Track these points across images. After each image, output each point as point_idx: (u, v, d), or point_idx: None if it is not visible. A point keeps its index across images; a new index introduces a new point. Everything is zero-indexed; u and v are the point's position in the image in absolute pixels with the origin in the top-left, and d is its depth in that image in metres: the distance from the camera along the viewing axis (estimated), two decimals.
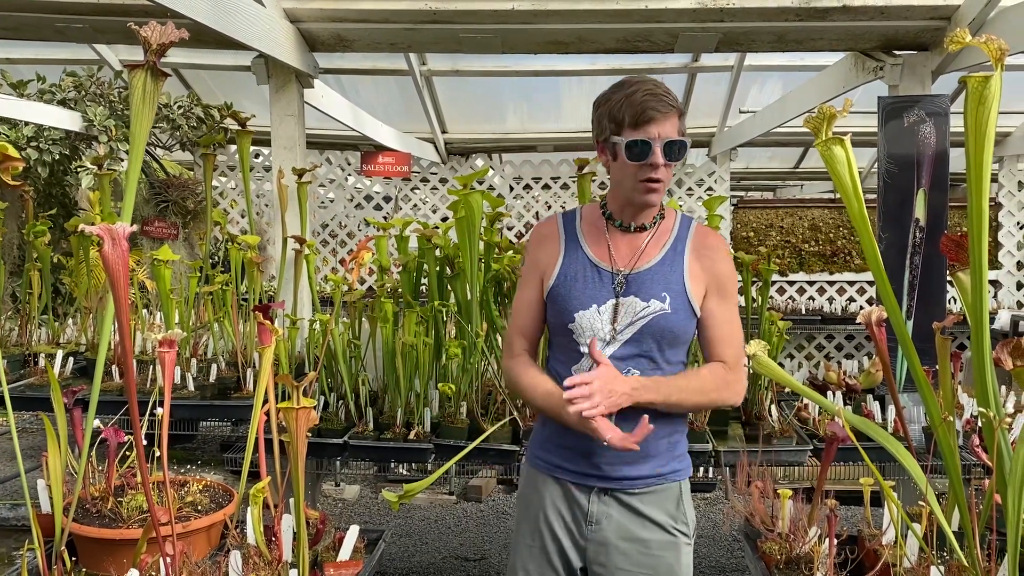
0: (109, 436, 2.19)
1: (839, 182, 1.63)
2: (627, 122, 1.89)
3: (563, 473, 2.03)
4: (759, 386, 3.34)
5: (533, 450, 2.14)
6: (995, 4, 3.33)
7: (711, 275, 2.01)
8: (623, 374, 1.92)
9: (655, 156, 1.88)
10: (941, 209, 3.53)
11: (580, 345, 1.98)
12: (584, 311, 1.97)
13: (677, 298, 1.96)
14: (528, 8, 3.63)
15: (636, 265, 1.99)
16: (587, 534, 2.00)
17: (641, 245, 2.02)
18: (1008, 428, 2.05)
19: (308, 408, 1.84)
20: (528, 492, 2.12)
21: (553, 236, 2.09)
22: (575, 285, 2.00)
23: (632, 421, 1.86)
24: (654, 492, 2.00)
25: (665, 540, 2.00)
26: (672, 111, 1.90)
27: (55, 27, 3.83)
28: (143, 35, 1.74)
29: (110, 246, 1.58)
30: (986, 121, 1.43)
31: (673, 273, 1.98)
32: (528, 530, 2.08)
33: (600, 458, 1.98)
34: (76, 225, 3.77)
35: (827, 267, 7.28)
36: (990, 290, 7.02)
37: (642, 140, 1.88)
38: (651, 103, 1.87)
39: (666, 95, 1.90)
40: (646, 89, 1.89)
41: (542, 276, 2.07)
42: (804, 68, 5.42)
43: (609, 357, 1.94)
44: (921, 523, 2.05)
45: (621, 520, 1.99)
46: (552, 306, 2.04)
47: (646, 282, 1.97)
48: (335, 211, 7.30)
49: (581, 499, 2.01)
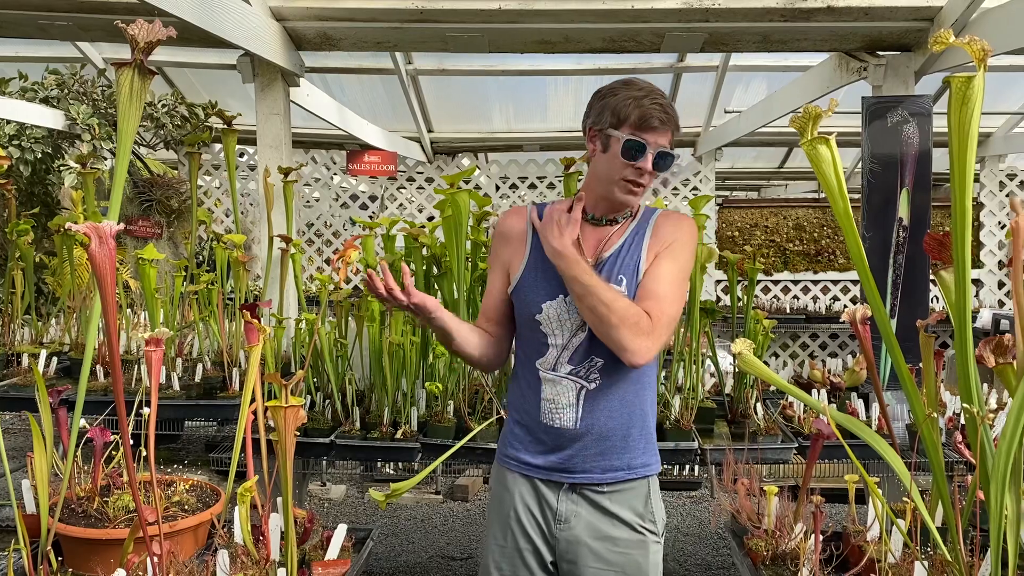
0: (95, 436, 2.18)
1: (824, 181, 1.64)
2: (630, 121, 1.93)
3: (532, 470, 2.04)
4: (745, 384, 3.37)
5: (502, 449, 2.14)
6: (977, 5, 3.36)
7: (663, 242, 2.01)
8: (586, 361, 1.96)
9: (646, 161, 1.93)
10: (924, 209, 3.56)
11: (547, 336, 1.99)
12: (551, 301, 1.99)
13: (632, 281, 1.97)
14: (514, 7, 3.63)
15: (599, 255, 2.02)
16: (556, 532, 2.01)
17: (607, 236, 2.04)
18: (991, 424, 2.07)
19: (296, 406, 1.84)
20: (499, 491, 2.12)
21: (520, 229, 2.10)
22: (542, 276, 2.01)
23: (585, 366, 1.93)
24: (623, 491, 2.01)
25: (633, 539, 2.01)
26: (671, 127, 1.96)
27: (38, 24, 3.80)
28: (130, 33, 1.73)
29: (97, 245, 1.57)
30: (969, 121, 1.45)
31: (631, 257, 2.00)
32: (500, 529, 2.08)
33: (569, 452, 1.99)
34: (59, 224, 3.75)
35: (811, 266, 7.33)
36: (972, 289, 7.08)
37: (639, 142, 1.92)
38: (656, 112, 1.92)
39: (671, 109, 1.97)
40: (655, 99, 1.94)
41: (507, 268, 2.09)
42: (789, 68, 5.46)
43: (579, 344, 1.96)
44: (905, 519, 2.07)
45: (590, 519, 2.00)
46: (519, 298, 2.05)
47: (606, 268, 1.99)
48: (321, 210, 7.28)
49: (550, 497, 2.02)
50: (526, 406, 2.05)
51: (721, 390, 3.54)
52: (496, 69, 5.74)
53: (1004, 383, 1.77)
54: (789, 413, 3.43)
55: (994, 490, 1.55)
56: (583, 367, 1.97)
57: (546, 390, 2.00)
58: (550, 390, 1.99)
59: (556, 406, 1.99)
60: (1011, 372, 1.70)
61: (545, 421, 2.00)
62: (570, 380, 1.98)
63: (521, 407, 2.07)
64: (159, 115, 5.61)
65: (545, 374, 2.00)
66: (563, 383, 1.98)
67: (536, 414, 2.02)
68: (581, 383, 1.97)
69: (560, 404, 1.98)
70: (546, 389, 2.00)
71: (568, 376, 1.98)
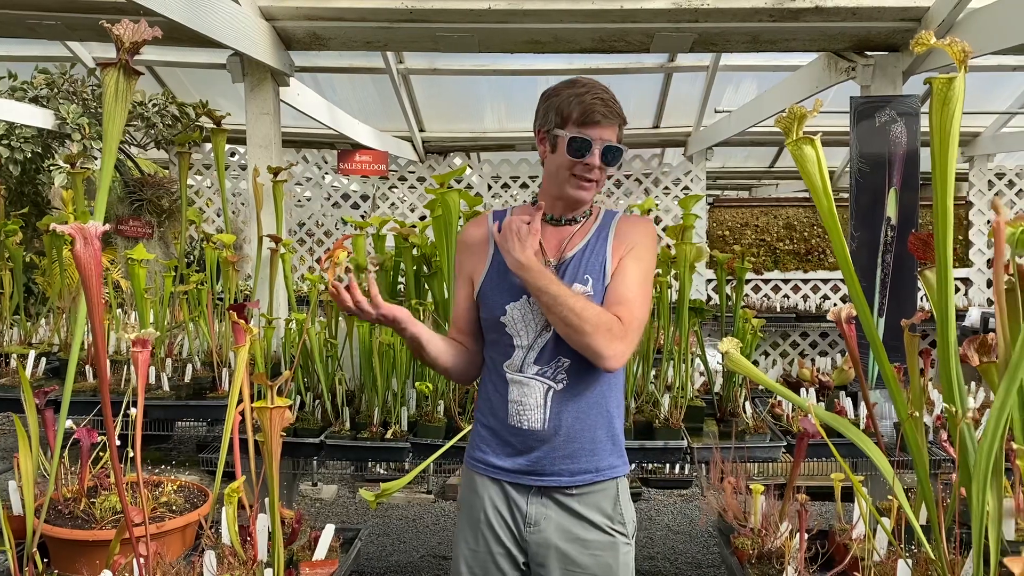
0: (82, 437, 2.18)
1: (809, 181, 1.65)
2: (573, 119, 1.95)
3: (501, 473, 2.03)
4: (733, 383, 3.38)
5: (470, 452, 2.14)
6: (964, 6, 3.38)
7: (627, 245, 2.03)
8: (553, 361, 1.96)
9: (593, 156, 1.95)
10: (912, 208, 3.58)
11: (513, 338, 2.00)
12: (515, 302, 1.99)
13: (599, 281, 1.98)
14: (504, 7, 3.64)
15: (562, 255, 2.03)
16: (527, 535, 2.01)
17: (567, 236, 2.05)
18: (977, 423, 2.09)
19: (282, 408, 1.84)
20: (468, 495, 2.11)
21: (481, 237, 2.12)
22: (504, 279, 2.02)
23: (552, 366, 1.94)
24: (591, 493, 2.01)
25: (604, 540, 2.00)
26: (616, 120, 1.97)
27: (27, 24, 3.79)
28: (115, 33, 1.73)
29: (82, 246, 1.57)
30: (950, 121, 1.46)
31: (595, 257, 2.01)
32: (471, 533, 2.07)
33: (537, 454, 1.99)
34: (48, 224, 3.74)
35: (801, 265, 7.36)
36: (961, 288, 7.12)
37: (584, 139, 1.93)
38: (599, 107, 1.94)
39: (614, 103, 1.97)
40: (596, 93, 1.95)
41: (471, 277, 2.10)
42: (779, 68, 5.48)
43: (541, 347, 1.97)
44: (890, 517, 2.09)
45: (560, 521, 1.99)
46: (484, 303, 2.06)
47: (570, 268, 2.00)
48: (312, 210, 7.27)
49: (520, 500, 2.02)
50: (493, 409, 2.05)
51: (710, 389, 3.55)
52: (487, 68, 5.75)
53: (988, 382, 1.78)
54: (778, 412, 3.45)
55: (976, 488, 1.56)
56: (550, 367, 1.97)
57: (513, 391, 1.99)
58: (517, 391, 1.99)
59: (524, 407, 1.98)
60: (994, 371, 1.71)
61: (513, 423, 2.00)
62: (537, 380, 1.97)
63: (488, 410, 2.07)
64: (149, 114, 5.60)
65: (512, 375, 2.00)
66: (531, 384, 1.98)
67: (504, 416, 2.01)
68: (548, 383, 1.97)
69: (528, 405, 1.98)
70: (513, 391, 1.99)
71: (535, 377, 1.98)
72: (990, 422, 1.54)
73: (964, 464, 1.67)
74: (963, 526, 1.78)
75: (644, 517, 5.46)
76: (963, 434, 1.66)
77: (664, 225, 6.91)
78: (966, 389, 1.77)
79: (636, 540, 2.09)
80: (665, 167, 7.15)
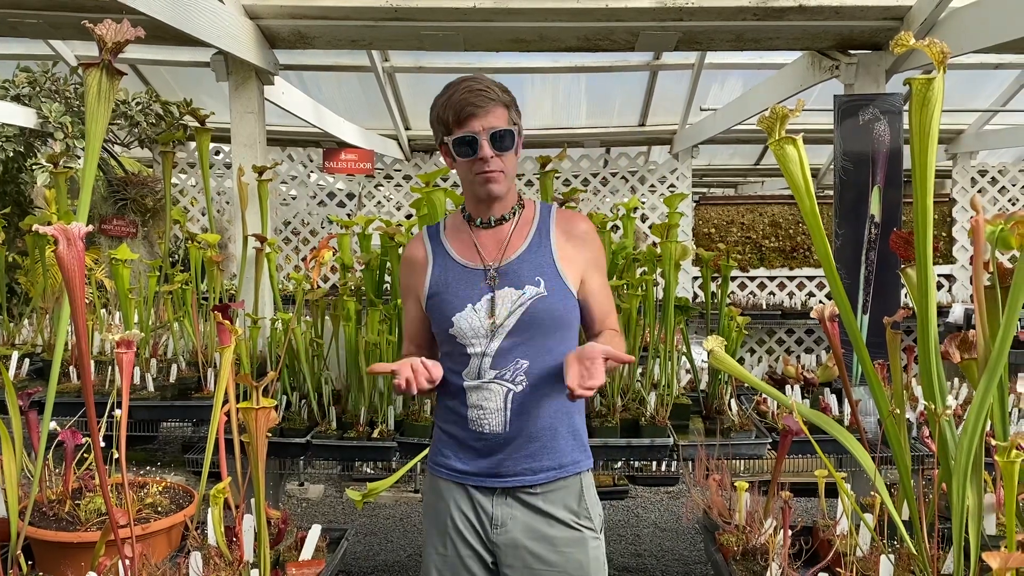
0: (66, 438, 2.17)
1: (791, 180, 1.66)
2: (451, 121, 1.94)
3: (464, 477, 2.03)
4: (719, 380, 3.39)
5: (432, 457, 2.13)
6: (946, 5, 3.40)
7: (585, 258, 2.05)
8: (511, 364, 1.96)
9: (483, 149, 1.93)
10: (895, 205, 3.60)
11: (466, 347, 1.99)
12: (460, 312, 1.98)
13: (552, 280, 1.99)
14: (489, 6, 3.64)
15: (504, 256, 2.02)
16: (494, 537, 2.00)
17: (505, 237, 2.04)
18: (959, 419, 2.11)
19: (267, 408, 1.84)
20: (433, 500, 2.11)
21: (420, 253, 2.12)
22: (448, 290, 2.02)
23: (510, 369, 1.96)
24: (555, 490, 2.01)
25: (571, 536, 2.00)
26: (493, 103, 1.94)
27: (8, 22, 3.76)
28: (98, 33, 1.72)
29: (65, 246, 1.57)
30: (930, 121, 1.47)
31: (542, 257, 2.01)
32: (439, 538, 2.07)
33: (499, 457, 1.99)
34: (31, 224, 3.71)
35: (787, 263, 7.39)
36: (945, 284, 7.18)
37: (465, 136, 1.92)
38: (469, 99, 1.92)
39: (485, 89, 1.94)
40: (464, 87, 1.94)
41: (417, 294, 2.10)
42: (764, 67, 5.50)
43: (495, 351, 1.96)
44: (873, 513, 2.11)
45: (526, 520, 1.99)
46: (432, 316, 2.06)
47: (517, 271, 2.00)
48: (297, 208, 7.25)
49: (484, 502, 2.01)
50: (453, 417, 2.04)
51: (696, 386, 3.57)
52: (473, 67, 5.73)
53: (968, 378, 1.81)
54: (763, 409, 3.47)
55: (956, 484, 1.58)
56: (508, 370, 1.97)
57: (472, 397, 1.99)
58: (476, 396, 1.98)
59: (484, 412, 1.98)
60: (975, 367, 1.73)
61: (474, 428, 1.99)
62: (496, 384, 1.97)
63: (448, 417, 2.06)
64: (133, 113, 5.56)
65: (470, 383, 1.99)
66: (490, 388, 1.97)
67: (464, 423, 2.01)
68: (508, 386, 1.96)
69: (488, 409, 1.97)
70: (472, 396, 1.99)
71: (494, 381, 1.97)
72: (970, 418, 1.56)
73: (945, 460, 1.68)
74: (945, 521, 1.80)
75: (631, 514, 5.48)
76: (943, 430, 1.68)
77: (650, 223, 6.93)
78: (947, 386, 1.79)
79: (623, 537, 2.10)
80: (651, 165, 7.17)
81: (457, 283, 2.02)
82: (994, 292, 1.66)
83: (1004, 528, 1.98)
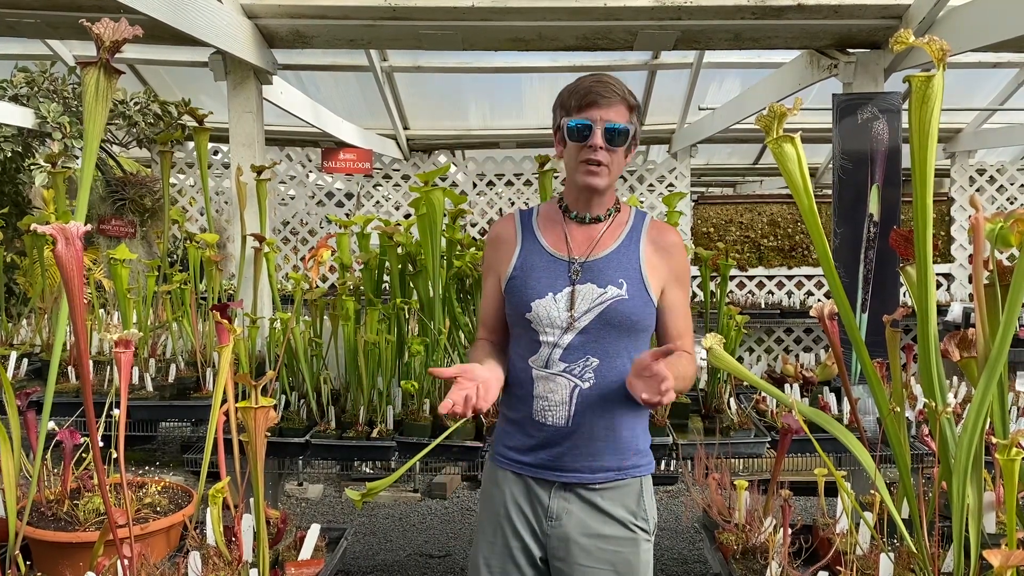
0: (64, 438, 2.16)
1: (790, 179, 1.66)
2: (572, 106, 1.97)
3: (524, 468, 2.04)
4: (718, 379, 3.39)
5: (495, 446, 2.15)
6: (944, 3, 3.40)
7: (670, 270, 2.06)
8: (580, 360, 1.96)
9: (595, 137, 1.93)
10: (894, 204, 3.60)
11: (539, 334, 1.99)
12: (540, 299, 1.99)
13: (634, 285, 1.99)
14: (487, 5, 3.63)
15: (592, 253, 2.03)
16: (547, 529, 2.01)
17: (597, 235, 2.05)
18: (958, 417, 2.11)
19: (266, 407, 1.83)
20: (489, 488, 2.13)
21: (509, 233, 2.13)
22: (531, 275, 2.03)
23: (579, 364, 1.95)
24: (615, 488, 2.01)
25: (625, 536, 2.01)
26: (617, 98, 1.95)
27: (6, 22, 3.75)
28: (96, 32, 1.72)
29: (63, 246, 1.56)
30: (929, 119, 1.47)
31: (629, 261, 2.02)
32: (490, 526, 2.08)
33: (559, 450, 1.99)
34: (29, 224, 3.70)
35: (786, 262, 7.39)
36: (943, 283, 7.19)
37: (582, 121, 1.94)
38: (595, 88, 1.94)
39: (613, 83, 1.96)
40: (594, 78, 1.97)
41: (499, 273, 2.11)
42: (762, 66, 5.50)
43: (567, 344, 1.96)
44: (873, 512, 2.11)
45: (581, 516, 2.00)
46: (509, 298, 2.06)
47: (602, 269, 2.00)
48: (296, 208, 7.24)
49: (542, 495, 2.02)
50: (519, 403, 2.04)
51: (695, 385, 3.56)
52: (472, 66, 5.74)
53: (968, 377, 1.80)
54: (762, 407, 3.47)
55: (956, 482, 1.57)
56: (577, 365, 1.97)
57: (539, 387, 1.99)
58: (543, 386, 1.99)
59: (548, 403, 1.98)
60: (974, 366, 1.73)
61: (537, 418, 2.00)
62: (564, 377, 1.97)
63: (513, 404, 2.07)
64: (131, 113, 5.55)
65: (538, 371, 1.99)
66: (557, 380, 1.97)
67: (528, 411, 2.02)
68: (575, 381, 1.97)
69: (553, 401, 1.98)
70: (539, 386, 1.99)
71: (562, 373, 1.97)
72: (970, 416, 1.56)
73: (945, 458, 1.68)
74: (945, 520, 1.80)
75: None
76: (943, 428, 1.67)
77: None
78: (947, 384, 1.79)
79: None
80: (650, 164, 7.17)
81: (541, 270, 2.02)
82: (993, 290, 1.66)
83: (1004, 526, 1.98)
